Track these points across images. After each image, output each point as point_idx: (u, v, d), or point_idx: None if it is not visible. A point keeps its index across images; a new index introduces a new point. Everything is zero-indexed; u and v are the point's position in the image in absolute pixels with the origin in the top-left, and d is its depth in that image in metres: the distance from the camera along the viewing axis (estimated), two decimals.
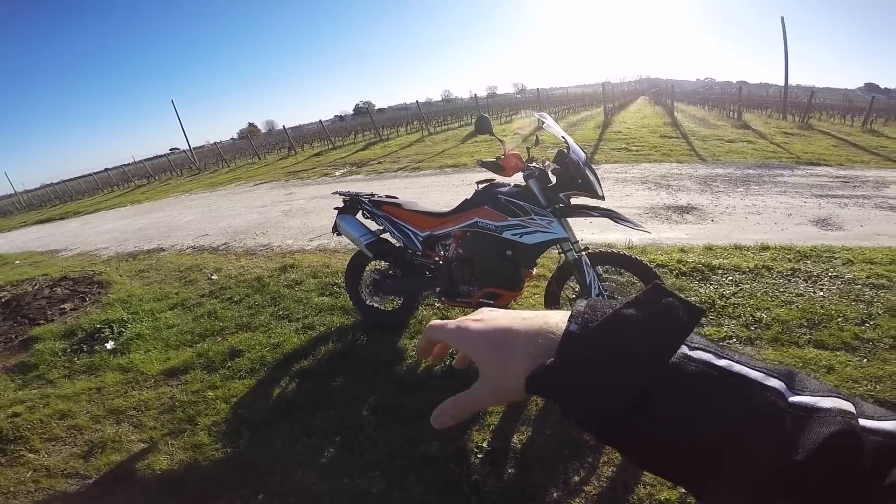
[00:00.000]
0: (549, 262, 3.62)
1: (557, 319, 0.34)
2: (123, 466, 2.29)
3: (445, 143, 14.17)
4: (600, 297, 2.20)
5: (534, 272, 2.76)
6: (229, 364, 2.99)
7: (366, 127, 22.57)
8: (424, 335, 0.42)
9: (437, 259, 2.74)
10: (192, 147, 29.71)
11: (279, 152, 22.19)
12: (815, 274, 3.39)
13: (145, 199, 15.23)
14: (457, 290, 2.65)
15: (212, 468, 2.18)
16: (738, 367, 0.30)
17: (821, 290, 3.16)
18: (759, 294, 3.10)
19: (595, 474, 1.87)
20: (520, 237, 2.34)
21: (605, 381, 0.29)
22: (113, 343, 3.64)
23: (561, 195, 2.32)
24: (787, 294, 3.10)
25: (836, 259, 3.69)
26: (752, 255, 3.82)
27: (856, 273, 3.38)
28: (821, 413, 0.28)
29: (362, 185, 9.31)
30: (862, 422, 0.28)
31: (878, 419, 0.28)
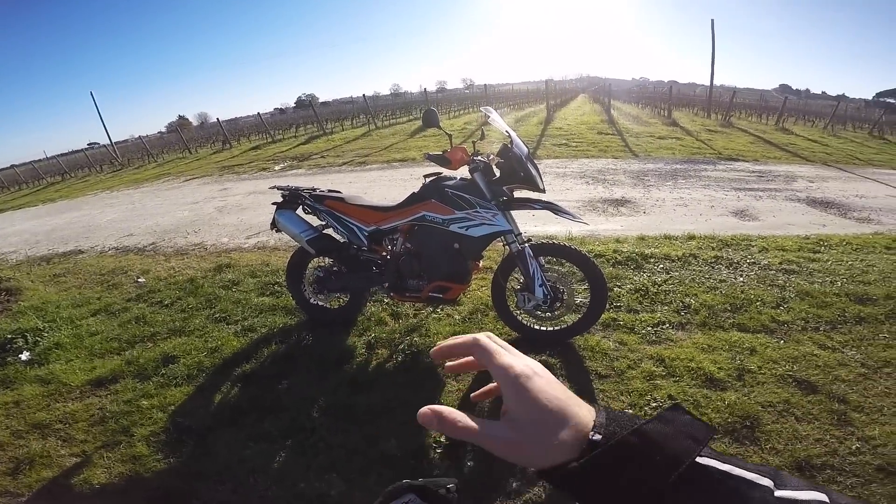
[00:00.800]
0: (495, 254, 3.68)
1: (585, 414, 0.36)
2: (58, 482, 2.11)
3: (393, 138, 14.00)
4: (542, 288, 2.28)
5: (480, 264, 2.78)
6: (163, 371, 2.79)
7: (308, 120, 21.82)
8: (459, 345, 0.42)
9: (384, 254, 2.69)
10: (113, 141, 27.31)
11: (213, 146, 20.94)
12: (735, 261, 3.68)
13: (59, 197, 13.84)
14: (406, 285, 2.62)
15: (156, 479, 2.05)
16: (737, 471, 0.33)
17: (741, 276, 3.43)
18: (687, 281, 3.31)
19: None
20: (466, 230, 2.34)
21: (622, 488, 0.32)
22: (28, 354, 3.29)
23: (504, 188, 2.35)
24: (712, 280, 3.33)
25: (753, 247, 4.03)
26: (680, 245, 4.08)
27: (770, 259, 3.70)
28: None
29: (304, 180, 8.98)
30: None
31: None
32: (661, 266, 3.57)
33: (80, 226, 8.12)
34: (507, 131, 2.36)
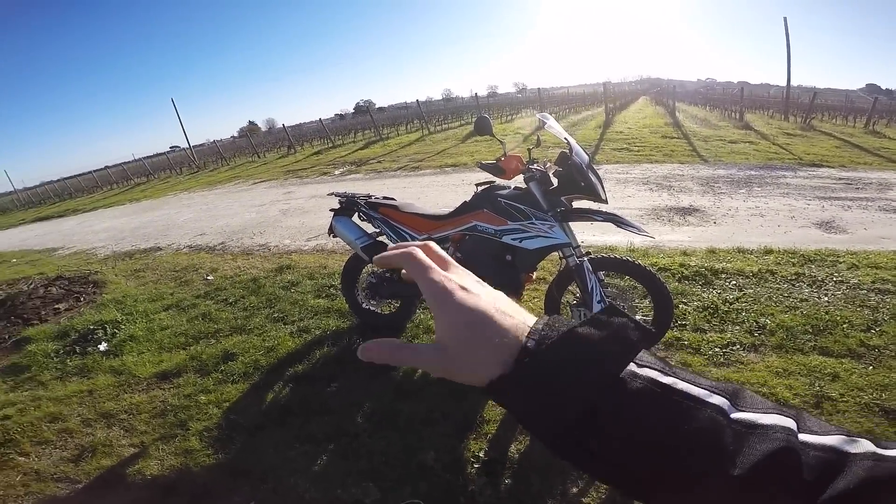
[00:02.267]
0: (549, 265, 3.57)
1: (528, 326, 0.33)
2: (114, 471, 2.25)
3: (445, 143, 14.10)
4: (601, 304, 2.17)
5: (534, 276, 2.71)
6: (222, 367, 2.93)
7: (366, 126, 22.49)
8: (396, 256, 0.38)
9: None
10: (191, 145, 29.59)
11: (279, 151, 22.10)
12: (819, 279, 3.34)
13: (144, 197, 15.17)
14: None
15: (203, 474, 2.14)
16: (681, 385, 0.31)
17: (825, 295, 3.10)
18: (762, 299, 3.04)
19: (594, 485, 1.83)
20: (520, 242, 2.28)
21: (555, 396, 0.30)
22: (106, 345, 3.58)
23: (562, 198, 2.26)
24: (791, 299, 3.04)
25: (840, 263, 3.64)
26: (755, 259, 3.76)
27: (861, 278, 3.32)
28: (761, 429, 0.29)
29: (361, 185, 9.25)
30: (803, 437, 0.30)
31: (820, 434, 0.30)
32: (734, 282, 3.30)
33: (161, 224, 8.84)
34: (565, 138, 2.27)
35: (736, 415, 0.30)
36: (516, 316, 0.34)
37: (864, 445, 0.30)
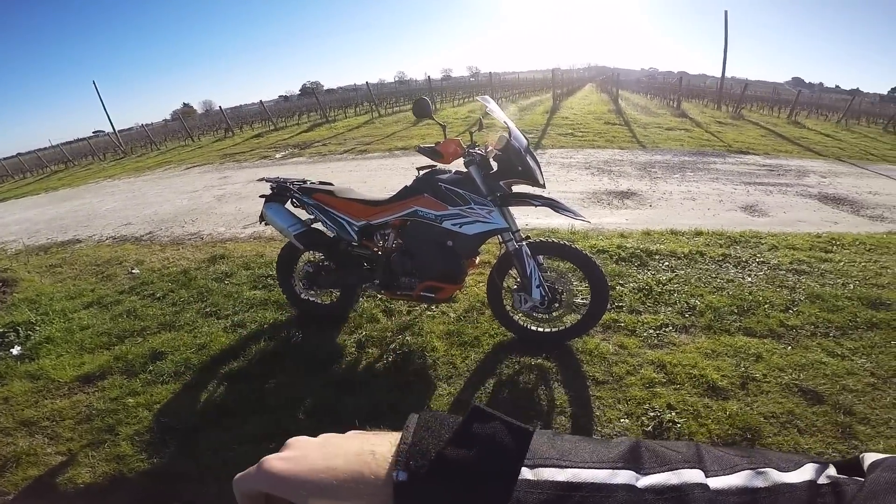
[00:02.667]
0: (494, 248, 3.56)
1: (383, 456, 0.30)
2: (43, 481, 2.07)
3: (396, 126, 13.80)
4: (540, 289, 2.16)
5: (477, 261, 2.67)
6: (151, 368, 2.73)
7: (312, 108, 21.61)
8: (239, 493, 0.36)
9: (375, 250, 2.57)
10: (118, 129, 27.16)
11: (215, 134, 20.81)
12: (743, 259, 3.54)
13: (62, 185, 13.82)
14: (397, 283, 2.51)
15: (139, 480, 2.00)
16: (584, 474, 0.28)
17: (749, 275, 3.29)
18: (693, 280, 3.18)
19: None
20: (460, 227, 2.22)
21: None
22: (19, 348, 3.23)
23: (501, 183, 2.22)
24: (719, 280, 3.20)
25: (762, 244, 3.88)
26: (686, 241, 3.94)
27: (780, 258, 3.56)
28: (674, 493, 0.28)
29: (304, 168, 8.87)
30: (713, 483, 0.28)
31: (727, 473, 0.29)
32: (667, 264, 3.44)
33: (81, 214, 8.09)
34: (505, 121, 2.22)
35: (644, 481, 0.28)
36: (363, 452, 0.31)
37: (771, 477, 0.29)
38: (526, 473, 0.28)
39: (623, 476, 0.29)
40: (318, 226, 2.65)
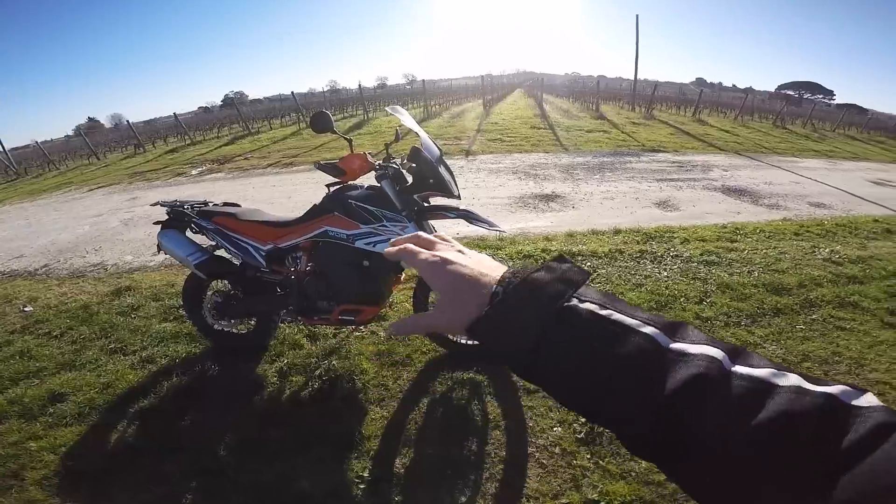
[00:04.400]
0: None
1: (492, 276, 0.41)
2: None
3: (325, 137, 13.39)
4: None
5: (402, 277, 2.59)
6: (51, 410, 2.49)
7: (234, 120, 20.51)
8: (394, 253, 0.47)
9: (287, 274, 2.41)
10: (10, 148, 24.09)
11: (124, 151, 19.15)
12: (659, 254, 3.74)
13: None
14: (314, 308, 2.36)
15: None
16: (616, 316, 0.35)
17: (665, 270, 3.48)
18: (614, 278, 3.31)
19: (480, 492, 1.80)
20: (374, 246, 2.13)
21: (515, 326, 0.36)
22: None
23: (416, 196, 2.16)
24: (637, 276, 3.35)
25: (675, 238, 4.14)
26: (606, 239, 4.11)
27: (692, 251, 3.81)
28: (688, 357, 0.33)
29: (223, 185, 8.34)
30: (737, 368, 0.33)
31: (754, 367, 0.33)
32: (589, 264, 3.56)
33: None
34: (416, 131, 2.17)
35: (672, 345, 0.33)
36: (491, 272, 0.41)
37: (792, 379, 0.32)
38: (575, 302, 0.36)
39: (649, 330, 0.34)
40: (222, 252, 2.44)
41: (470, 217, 2.14)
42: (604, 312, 0.35)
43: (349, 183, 2.24)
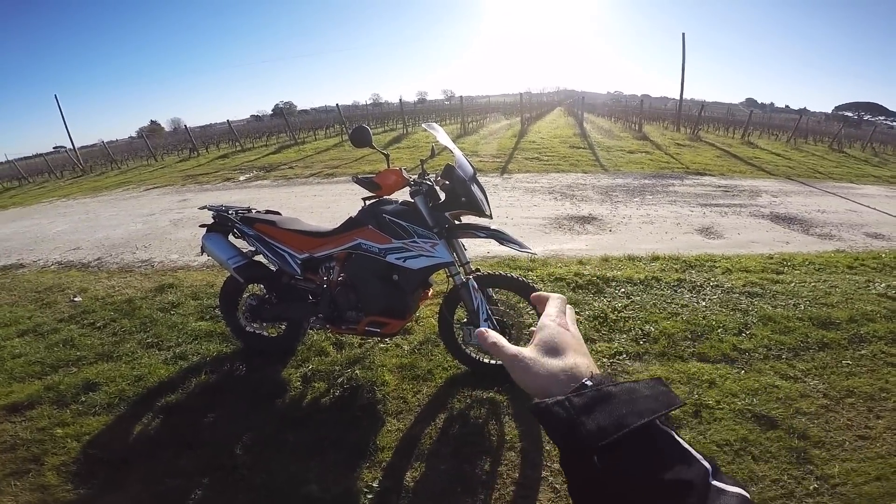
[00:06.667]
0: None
1: (586, 364, 0.43)
2: None
3: (366, 150, 13.74)
4: (487, 322, 2.10)
5: (430, 293, 2.60)
6: (83, 399, 2.62)
7: (282, 129, 21.40)
8: (489, 346, 0.48)
9: (319, 283, 2.47)
10: (80, 146, 26.05)
11: (180, 154, 20.31)
12: (698, 283, 3.59)
13: (13, 204, 13.11)
14: (342, 317, 2.41)
15: None
16: (687, 446, 0.37)
17: (703, 300, 3.34)
18: (648, 306, 3.19)
19: None
20: (404, 262, 2.15)
21: (594, 429, 0.36)
22: None
23: (448, 214, 2.17)
24: (673, 305, 3.22)
25: (717, 268, 3.96)
26: (643, 266, 3.98)
27: (734, 282, 3.63)
28: (727, 495, 0.35)
29: (268, 192, 8.69)
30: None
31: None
32: (623, 290, 3.45)
33: (28, 237, 7.66)
34: (451, 149, 2.19)
35: (714, 482, 0.35)
36: (587, 358, 0.44)
37: None
38: (657, 423, 0.37)
39: (705, 464, 0.36)
40: (261, 258, 2.54)
41: (501, 237, 2.13)
42: (678, 440, 0.37)
43: (384, 197, 2.28)
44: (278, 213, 2.64)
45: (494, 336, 0.47)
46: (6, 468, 2.18)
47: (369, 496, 1.85)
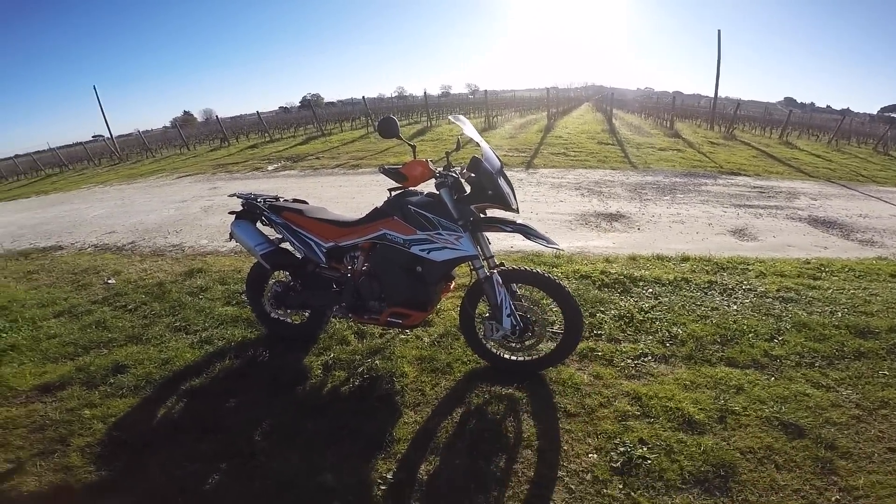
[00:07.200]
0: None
1: None
2: None
3: (391, 142, 13.74)
4: (510, 318, 2.07)
5: (452, 285, 2.58)
6: (111, 380, 2.68)
7: (309, 121, 21.70)
8: None
9: (344, 272, 2.48)
10: (117, 135, 27.04)
11: (211, 143, 20.86)
12: (730, 286, 3.46)
13: (54, 189, 13.75)
14: (365, 307, 2.42)
15: (83, 491, 1.96)
16: None
17: (735, 303, 3.22)
18: (676, 308, 3.10)
19: None
20: (428, 253, 2.14)
21: None
22: None
23: (473, 207, 2.14)
24: (703, 308, 3.12)
25: (750, 271, 3.82)
26: (672, 266, 3.87)
27: (767, 286, 3.49)
28: None
29: (294, 182, 8.82)
30: None
31: None
32: (651, 290, 3.35)
33: (67, 220, 8.02)
34: (478, 141, 2.16)
35: None
36: None
37: None
38: None
39: None
40: (287, 245, 2.57)
41: (527, 232, 2.09)
42: None
43: (410, 189, 2.27)
44: (305, 202, 2.66)
45: None
46: (34, 448, 2.23)
47: (383, 488, 1.85)
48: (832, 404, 2.18)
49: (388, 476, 1.89)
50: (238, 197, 2.70)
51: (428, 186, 2.28)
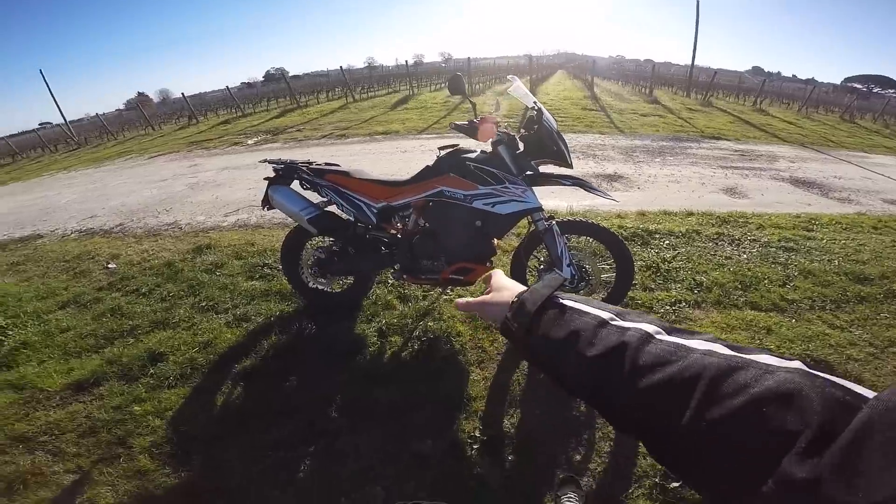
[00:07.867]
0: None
1: (518, 291, 0.59)
2: (59, 502, 1.81)
3: (373, 111, 13.50)
4: (570, 267, 2.15)
5: (499, 244, 2.63)
6: (152, 371, 2.46)
7: (280, 94, 20.88)
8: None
9: (393, 232, 2.48)
10: (68, 121, 25.29)
11: (177, 122, 19.82)
12: (736, 238, 3.65)
13: (11, 179, 12.80)
14: (420, 267, 2.42)
15: (171, 498, 1.78)
16: (579, 306, 0.50)
17: (744, 253, 3.40)
18: (694, 257, 3.26)
19: (594, 450, 1.81)
20: (492, 207, 2.17)
21: (518, 322, 0.53)
22: None
23: (532, 162, 2.18)
24: (718, 257, 3.29)
25: (750, 224, 4.02)
26: (680, 220, 4.03)
27: (769, 237, 3.69)
28: (619, 329, 0.44)
29: (280, 153, 8.54)
30: (666, 338, 0.42)
31: (683, 337, 0.42)
32: (667, 242, 3.51)
33: (37, 208, 7.51)
34: (534, 102, 2.19)
35: (616, 322, 0.46)
36: (520, 288, 0.60)
37: (707, 346, 0.40)
38: (559, 299, 0.52)
39: (599, 313, 0.48)
40: (332, 208, 2.53)
41: (586, 185, 2.18)
42: (575, 305, 0.50)
43: (459, 147, 2.28)
44: (339, 165, 2.61)
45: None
46: (92, 454, 2.02)
47: (475, 447, 1.84)
48: (849, 343, 2.39)
49: (477, 434, 1.89)
50: (269, 163, 2.62)
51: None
